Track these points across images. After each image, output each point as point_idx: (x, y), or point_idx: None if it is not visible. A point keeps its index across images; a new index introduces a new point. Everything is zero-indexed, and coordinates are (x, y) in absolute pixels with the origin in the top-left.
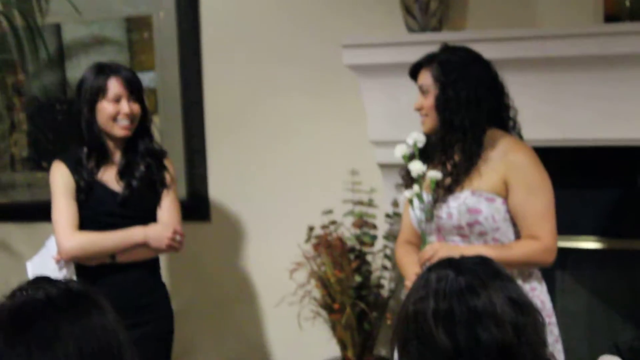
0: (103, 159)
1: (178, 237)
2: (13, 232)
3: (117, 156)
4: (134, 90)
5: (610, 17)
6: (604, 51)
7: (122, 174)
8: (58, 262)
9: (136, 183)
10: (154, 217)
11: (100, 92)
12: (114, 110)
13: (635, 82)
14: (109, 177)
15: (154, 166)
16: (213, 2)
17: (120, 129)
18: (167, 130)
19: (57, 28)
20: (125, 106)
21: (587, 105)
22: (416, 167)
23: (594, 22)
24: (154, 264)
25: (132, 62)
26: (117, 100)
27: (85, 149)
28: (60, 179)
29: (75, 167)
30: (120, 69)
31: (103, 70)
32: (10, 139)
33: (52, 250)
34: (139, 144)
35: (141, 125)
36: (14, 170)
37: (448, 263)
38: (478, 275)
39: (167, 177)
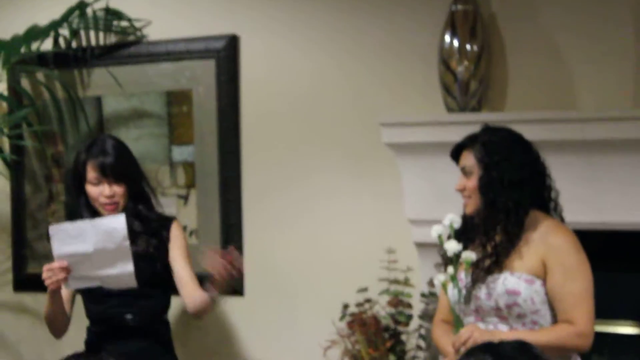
0: None
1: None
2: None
3: None
4: (113, 173)
5: None
6: None
7: None
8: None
9: None
10: (150, 284)
11: (82, 174)
12: (95, 193)
13: None
14: None
15: (153, 236)
16: (253, 78)
17: (105, 210)
18: (204, 204)
19: (98, 100)
20: (106, 189)
21: (626, 189)
22: (452, 246)
23: (634, 106)
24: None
25: (171, 135)
26: (98, 182)
27: None
28: None
29: None
30: (98, 151)
31: (87, 152)
32: (48, 209)
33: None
34: (140, 212)
35: (138, 194)
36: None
37: (486, 348)
38: None
39: (176, 241)
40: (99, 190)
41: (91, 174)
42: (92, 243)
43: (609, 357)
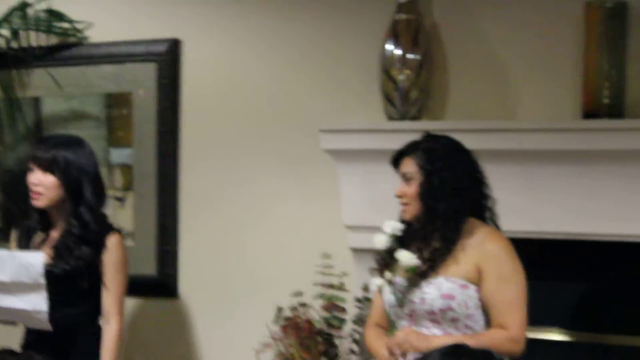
0: (48, 225)
1: None
2: None
3: (61, 225)
4: (39, 160)
5: (589, 113)
6: (581, 147)
7: (55, 251)
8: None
9: (61, 265)
10: (78, 295)
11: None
12: (28, 179)
13: (609, 179)
14: (48, 245)
15: (89, 244)
16: (194, 82)
17: (32, 199)
18: (140, 207)
19: (37, 101)
20: (32, 176)
21: (562, 199)
22: (405, 257)
23: (573, 118)
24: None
25: (110, 137)
26: (32, 168)
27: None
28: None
29: (20, 236)
30: (41, 145)
31: (38, 140)
32: None
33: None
34: (81, 215)
35: (79, 196)
36: None
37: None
38: None
39: (108, 259)
40: (30, 177)
41: (30, 162)
42: (8, 273)
43: None
